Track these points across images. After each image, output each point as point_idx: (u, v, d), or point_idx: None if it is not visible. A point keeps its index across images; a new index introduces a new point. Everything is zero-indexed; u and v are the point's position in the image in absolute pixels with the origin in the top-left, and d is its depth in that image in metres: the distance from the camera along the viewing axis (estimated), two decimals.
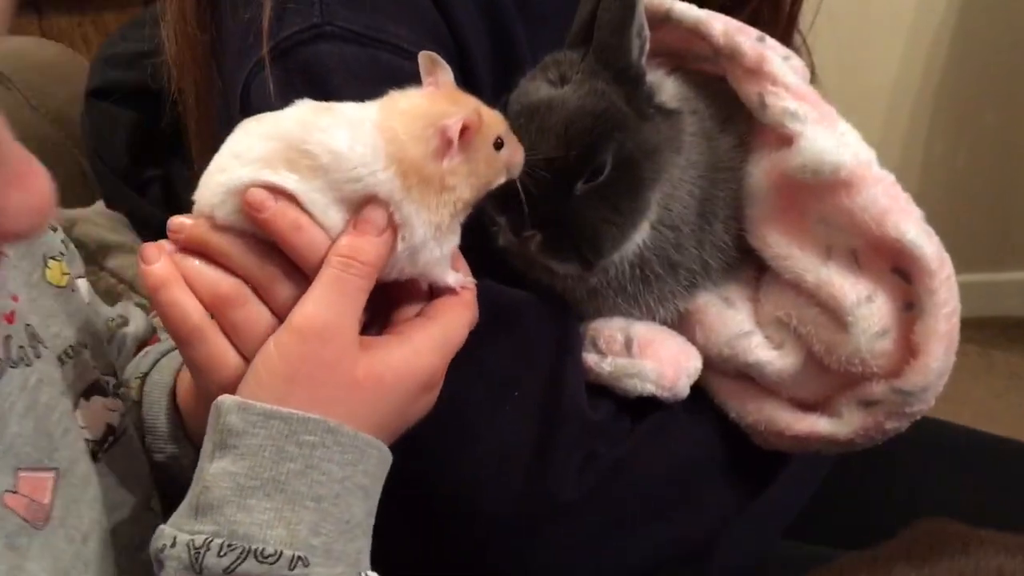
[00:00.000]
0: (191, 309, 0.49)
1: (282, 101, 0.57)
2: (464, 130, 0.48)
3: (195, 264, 0.49)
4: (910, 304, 0.56)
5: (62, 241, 0.64)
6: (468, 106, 0.50)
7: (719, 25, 0.61)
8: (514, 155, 0.52)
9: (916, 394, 0.56)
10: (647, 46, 0.58)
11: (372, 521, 0.49)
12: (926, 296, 0.54)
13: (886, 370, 0.56)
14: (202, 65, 0.65)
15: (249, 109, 0.60)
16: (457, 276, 0.53)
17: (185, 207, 1.24)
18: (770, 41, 0.62)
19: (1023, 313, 2.10)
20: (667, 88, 0.61)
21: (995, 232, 2.10)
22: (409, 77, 0.58)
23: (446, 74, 0.51)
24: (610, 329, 0.62)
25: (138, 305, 1.08)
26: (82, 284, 0.65)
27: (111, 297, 1.04)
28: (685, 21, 0.62)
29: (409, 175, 0.48)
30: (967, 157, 2.11)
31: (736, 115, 0.62)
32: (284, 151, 0.47)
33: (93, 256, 1.05)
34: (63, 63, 1.34)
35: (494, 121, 0.51)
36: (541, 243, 0.57)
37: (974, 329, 0.51)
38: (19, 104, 1.17)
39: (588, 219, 0.56)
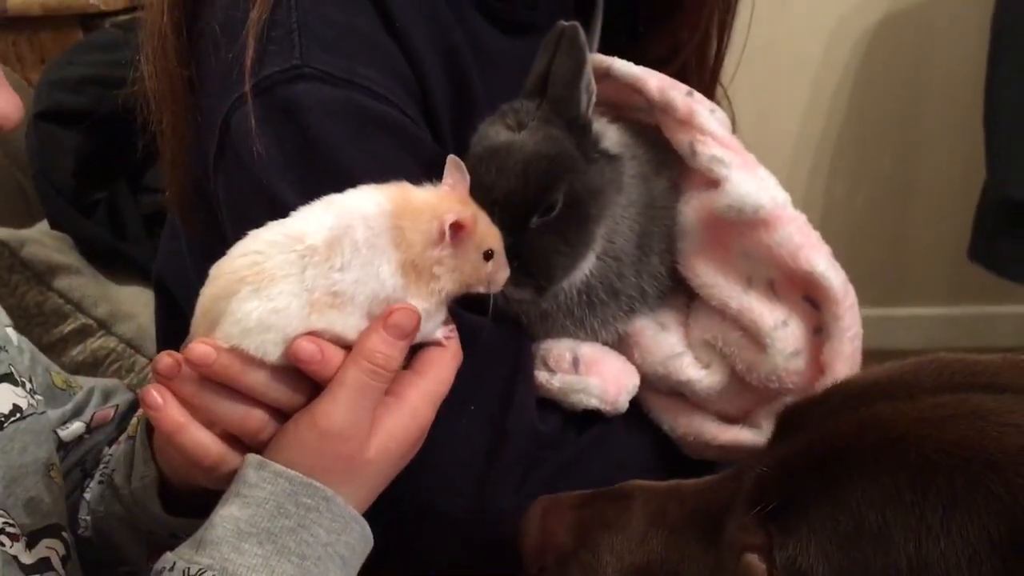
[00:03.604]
0: (210, 444, 0.52)
1: (261, 135, 0.62)
2: (457, 227, 0.52)
3: (218, 402, 0.51)
4: (819, 329, 0.64)
5: None
6: (470, 209, 0.54)
7: (654, 81, 0.69)
8: (498, 272, 0.56)
9: None
10: (593, 99, 0.64)
11: None
12: (833, 322, 0.62)
13: (799, 386, 0.64)
14: (180, 99, 0.68)
15: (228, 141, 0.64)
16: (442, 329, 0.56)
17: (130, 229, 1.24)
18: (698, 96, 0.69)
19: (914, 346, 2.25)
20: (610, 135, 0.68)
21: (889, 270, 2.25)
22: (377, 116, 0.64)
23: (464, 179, 0.56)
24: (559, 349, 0.67)
25: (83, 326, 1.09)
26: (11, 332, 0.68)
27: (59, 317, 1.06)
28: (624, 77, 0.69)
29: (408, 270, 0.52)
30: (864, 201, 2.25)
31: (669, 160, 0.70)
32: (321, 296, 0.50)
33: (41, 277, 1.06)
34: None
35: (491, 234, 0.56)
36: None
37: (868, 359, 0.60)
38: None
39: (541, 250, 0.62)
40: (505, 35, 0.74)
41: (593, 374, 0.67)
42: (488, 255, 0.55)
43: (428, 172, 0.58)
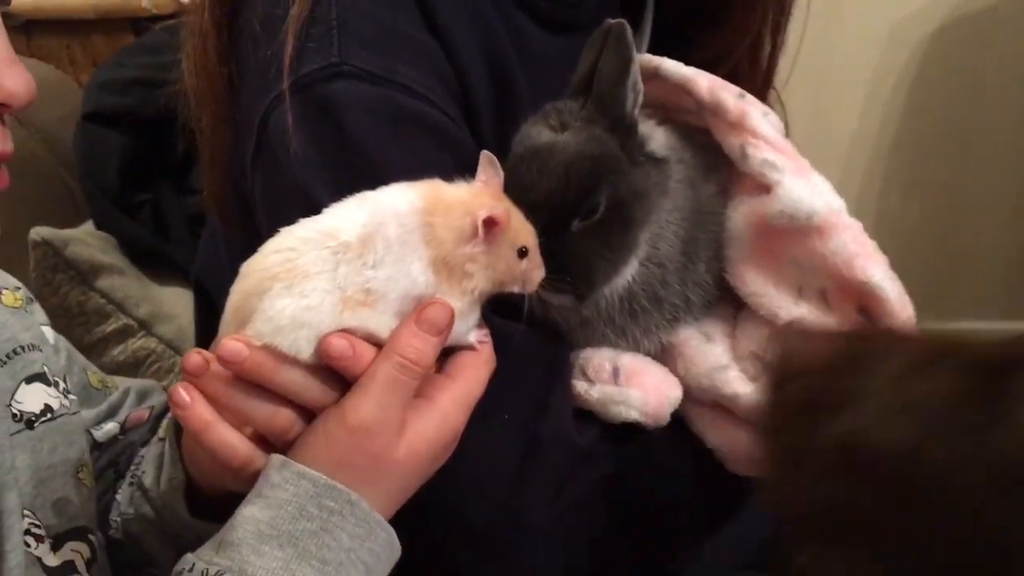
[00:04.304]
0: (238, 443, 0.52)
1: (298, 133, 0.61)
2: (491, 223, 0.51)
3: (247, 400, 0.51)
4: None
5: (26, 297, 0.68)
6: (503, 204, 0.53)
7: (704, 82, 0.66)
8: (532, 270, 0.55)
9: None
10: (640, 99, 0.62)
11: None
12: None
13: None
14: (220, 97, 0.68)
15: (265, 139, 0.63)
16: (476, 333, 0.55)
17: (173, 230, 1.25)
18: (749, 98, 0.67)
19: None
20: (657, 138, 0.66)
21: (943, 283, 2.19)
22: (416, 115, 0.62)
23: (497, 175, 0.55)
24: (599, 358, 0.65)
25: (125, 326, 1.10)
26: (48, 331, 0.68)
27: (101, 316, 1.07)
28: (673, 77, 0.67)
29: (440, 267, 0.51)
30: (919, 210, 2.20)
31: (718, 164, 0.67)
32: (354, 293, 0.50)
33: (84, 276, 1.07)
34: (54, 84, 1.36)
35: (524, 230, 0.54)
36: None
37: None
38: (8, 121, 1.19)
39: (582, 254, 0.60)
40: (550, 34, 0.73)
41: (634, 385, 0.65)
42: (522, 252, 0.54)
43: (467, 173, 0.57)
